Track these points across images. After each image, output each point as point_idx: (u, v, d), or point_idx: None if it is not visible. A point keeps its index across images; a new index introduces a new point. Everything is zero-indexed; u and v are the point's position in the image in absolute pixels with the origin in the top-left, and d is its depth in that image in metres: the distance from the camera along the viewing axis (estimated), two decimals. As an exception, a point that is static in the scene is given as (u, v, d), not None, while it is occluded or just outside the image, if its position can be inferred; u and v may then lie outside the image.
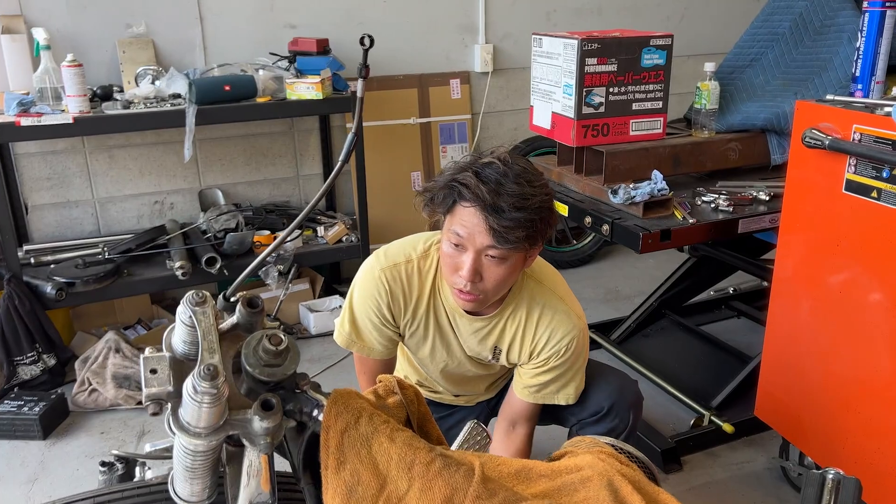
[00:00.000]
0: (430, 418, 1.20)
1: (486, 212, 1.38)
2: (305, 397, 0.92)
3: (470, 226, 1.42)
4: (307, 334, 3.18)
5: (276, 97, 2.98)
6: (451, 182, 1.44)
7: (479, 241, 1.43)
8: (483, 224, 1.40)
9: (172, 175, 3.29)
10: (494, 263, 1.45)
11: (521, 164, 1.45)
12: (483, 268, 1.46)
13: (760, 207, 2.23)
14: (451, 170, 1.47)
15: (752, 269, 2.95)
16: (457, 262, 1.47)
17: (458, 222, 1.44)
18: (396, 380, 1.15)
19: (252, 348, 0.89)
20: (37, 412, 2.47)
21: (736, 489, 2.19)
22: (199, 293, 0.87)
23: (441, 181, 1.47)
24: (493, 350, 1.68)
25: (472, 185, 1.39)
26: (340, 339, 1.71)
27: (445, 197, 1.45)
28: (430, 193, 1.49)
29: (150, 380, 0.87)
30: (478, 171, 1.41)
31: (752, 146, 2.46)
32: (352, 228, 3.29)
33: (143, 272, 2.92)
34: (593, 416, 1.74)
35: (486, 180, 1.40)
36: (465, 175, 1.42)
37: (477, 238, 1.42)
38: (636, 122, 2.34)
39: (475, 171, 1.42)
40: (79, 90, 2.65)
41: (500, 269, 1.46)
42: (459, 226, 1.43)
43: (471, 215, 1.42)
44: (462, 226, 1.43)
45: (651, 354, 2.88)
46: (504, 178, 1.40)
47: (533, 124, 2.53)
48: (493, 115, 3.84)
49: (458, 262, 1.47)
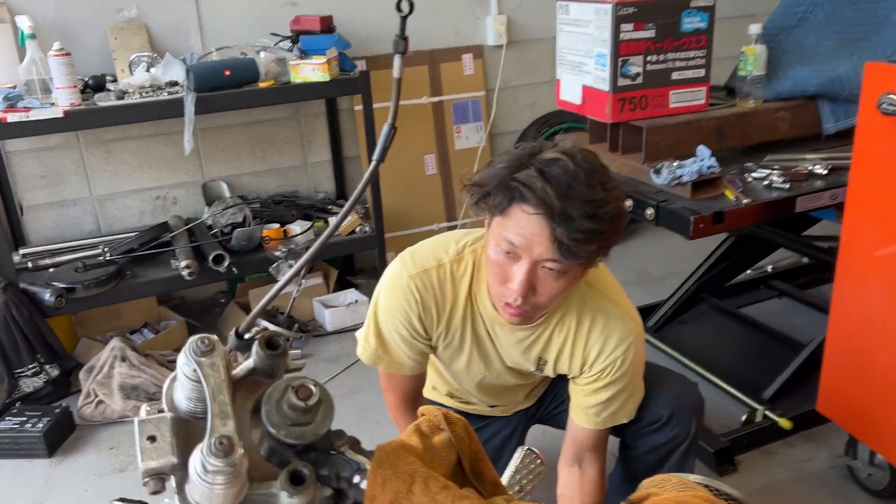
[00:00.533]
0: (484, 456, 1.02)
1: (552, 221, 1.17)
2: (343, 459, 0.74)
3: (528, 234, 1.21)
4: (323, 331, 3.01)
5: (279, 81, 2.78)
6: (510, 181, 1.22)
7: (538, 252, 1.22)
8: (546, 233, 1.19)
9: (174, 168, 3.10)
10: (552, 277, 1.26)
11: (591, 160, 1.23)
12: (537, 281, 1.26)
13: (817, 182, 2.03)
14: (506, 162, 1.25)
15: (796, 247, 2.76)
16: (506, 272, 1.27)
17: (514, 228, 1.23)
18: (443, 413, 0.98)
19: (274, 403, 0.71)
20: (40, 428, 2.31)
21: (798, 491, 2.01)
22: (205, 340, 0.69)
23: (496, 176, 1.24)
24: (537, 361, 1.50)
25: (536, 188, 1.18)
26: (365, 355, 1.53)
27: (501, 197, 1.23)
28: (481, 190, 1.27)
29: (147, 450, 0.69)
30: (542, 168, 1.20)
31: (802, 115, 2.24)
32: (365, 218, 3.10)
33: (146, 273, 2.74)
34: (651, 426, 1.55)
35: (552, 181, 1.18)
36: (527, 174, 1.20)
37: (535, 248, 1.22)
38: (676, 93, 2.13)
39: (539, 168, 1.20)
40: (68, 81, 2.45)
41: (557, 283, 1.26)
42: (515, 233, 1.23)
43: (531, 222, 1.20)
44: (518, 233, 1.22)
45: (691, 343, 2.70)
46: (574, 181, 1.18)
47: (560, 99, 2.32)
48: (508, 90, 3.62)
49: (508, 273, 1.27)
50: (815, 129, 2.27)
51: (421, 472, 0.75)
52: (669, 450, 1.56)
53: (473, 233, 1.50)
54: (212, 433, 0.65)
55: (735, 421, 2.28)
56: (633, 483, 1.63)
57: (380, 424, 2.37)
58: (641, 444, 1.58)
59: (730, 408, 2.35)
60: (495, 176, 1.25)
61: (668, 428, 1.55)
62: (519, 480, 1.20)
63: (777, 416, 2.20)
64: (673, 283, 3.06)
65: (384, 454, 0.74)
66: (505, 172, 1.23)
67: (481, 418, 1.77)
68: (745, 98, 2.22)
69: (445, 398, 1.76)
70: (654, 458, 1.58)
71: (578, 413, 1.53)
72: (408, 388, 1.58)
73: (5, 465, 2.29)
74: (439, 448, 0.93)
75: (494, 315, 1.43)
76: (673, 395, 1.55)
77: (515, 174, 1.21)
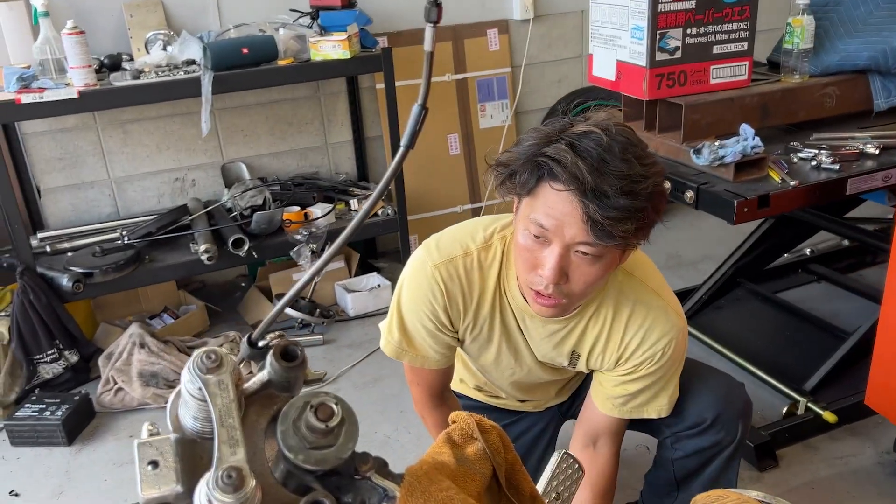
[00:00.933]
0: (520, 467, 0.94)
1: (584, 198, 1.07)
2: (369, 486, 0.66)
3: (559, 214, 1.11)
4: (345, 316, 2.94)
5: (299, 59, 2.68)
6: (537, 156, 1.12)
7: (570, 235, 1.12)
8: (578, 213, 1.09)
9: (192, 150, 3.03)
10: (586, 262, 1.16)
11: (626, 134, 1.12)
12: (570, 266, 1.16)
13: (869, 163, 1.90)
14: (534, 138, 1.15)
15: (840, 230, 2.63)
16: (536, 257, 1.18)
17: (543, 208, 1.13)
18: (476, 420, 0.89)
19: (291, 424, 0.62)
20: (59, 416, 2.27)
21: (844, 489, 1.91)
22: (212, 355, 0.61)
23: (523, 153, 1.15)
24: (569, 356, 1.41)
25: (566, 162, 1.08)
26: (389, 348, 1.44)
27: (529, 174, 1.14)
28: (507, 169, 1.17)
29: (148, 477, 0.61)
30: (573, 142, 1.10)
31: (851, 90, 2.11)
32: (387, 200, 3.01)
33: (165, 257, 2.68)
34: (693, 429, 1.45)
35: (584, 155, 1.08)
36: (557, 147, 1.10)
37: (567, 230, 1.12)
38: (718, 67, 2.01)
39: (570, 142, 1.10)
40: (82, 61, 2.38)
41: (591, 269, 1.16)
42: (544, 213, 1.13)
43: (562, 201, 1.11)
44: (548, 214, 1.13)
45: (727, 329, 2.59)
46: (608, 154, 1.08)
47: (593, 75, 2.20)
48: (535, 66, 3.50)
49: (538, 259, 1.17)
50: (865, 106, 2.14)
51: (457, 500, 0.66)
52: (712, 455, 1.47)
53: (502, 218, 1.41)
54: (219, 464, 0.57)
55: (775, 413, 2.18)
56: (674, 487, 1.55)
57: (404, 414, 2.31)
58: (682, 448, 1.49)
59: (770, 399, 2.25)
60: (522, 153, 1.15)
61: (713, 432, 1.45)
62: (556, 487, 1.11)
63: (820, 409, 2.09)
64: (707, 268, 2.95)
65: (415, 479, 0.66)
66: (533, 149, 1.13)
67: (511, 413, 1.69)
68: (791, 73, 2.09)
69: (473, 391, 1.67)
70: (695, 462, 1.49)
71: (602, 400, 1.44)
72: (434, 383, 1.50)
73: (25, 453, 2.26)
74: (473, 460, 0.85)
75: (525, 306, 1.34)
76: (718, 396, 1.45)
77: (544, 149, 1.12)
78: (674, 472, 1.53)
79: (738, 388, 1.50)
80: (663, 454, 1.54)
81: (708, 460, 1.48)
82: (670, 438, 1.50)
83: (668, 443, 1.51)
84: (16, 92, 2.33)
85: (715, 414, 1.43)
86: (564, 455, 1.17)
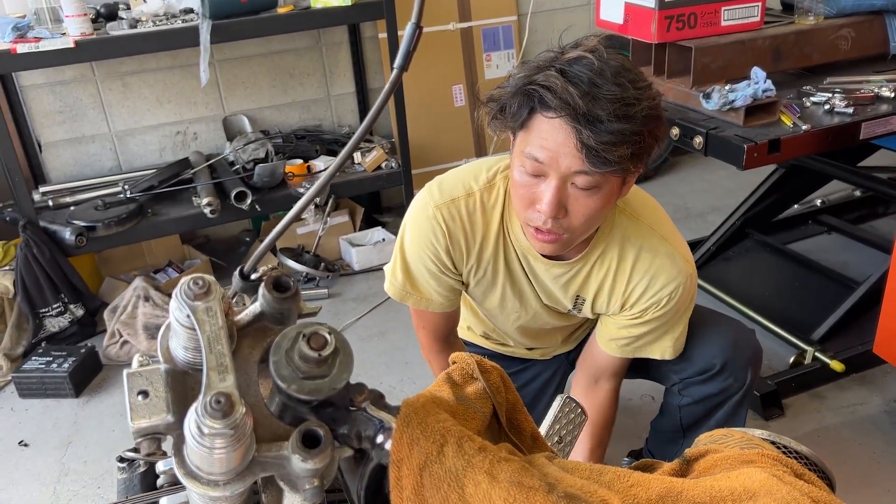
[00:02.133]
0: (521, 407, 0.93)
1: (577, 123, 1.04)
2: (365, 416, 0.64)
3: (553, 144, 1.08)
4: (350, 270, 2.93)
5: (299, 6, 2.63)
6: (527, 86, 1.09)
7: (565, 165, 1.09)
8: (572, 140, 1.06)
9: (193, 102, 2.99)
10: (584, 194, 1.13)
11: (618, 59, 1.09)
12: (568, 200, 1.13)
13: (884, 107, 1.85)
14: (526, 69, 1.11)
15: (852, 179, 2.58)
16: (533, 193, 1.14)
17: (537, 140, 1.10)
18: (476, 360, 0.88)
19: (284, 354, 0.61)
20: (66, 368, 2.29)
21: (850, 437, 1.90)
22: (199, 281, 0.59)
23: (513, 85, 1.12)
24: (574, 299, 1.38)
25: (557, 88, 1.04)
26: (393, 290, 1.42)
27: (519, 106, 1.10)
28: (497, 103, 1.14)
29: (138, 407, 0.60)
30: (563, 69, 1.06)
31: (867, 32, 2.05)
32: (391, 153, 2.97)
33: (168, 211, 2.67)
34: (701, 375, 1.44)
35: (575, 81, 1.04)
36: (547, 75, 1.06)
37: (562, 160, 1.09)
38: (729, 9, 1.95)
39: (559, 69, 1.06)
40: (78, 9, 2.33)
41: (590, 200, 1.13)
42: (537, 145, 1.10)
43: (554, 129, 1.07)
44: (541, 145, 1.09)
45: (736, 281, 2.56)
46: (600, 78, 1.04)
47: (600, 19, 2.14)
48: (542, 14, 3.41)
49: (535, 194, 1.14)
50: (882, 49, 2.08)
51: (454, 432, 0.65)
52: (720, 401, 1.46)
53: (506, 158, 1.37)
54: (207, 390, 0.55)
55: (782, 363, 2.17)
56: (680, 434, 1.55)
57: (409, 365, 2.30)
58: (689, 395, 1.47)
59: (777, 349, 2.23)
60: (513, 86, 1.12)
61: (721, 378, 1.43)
62: (558, 431, 1.10)
63: (828, 358, 2.08)
64: (716, 219, 2.92)
65: (412, 410, 0.64)
66: (523, 80, 1.10)
67: (519, 361, 1.68)
68: (805, 14, 2.03)
69: (481, 339, 1.66)
70: (702, 409, 1.48)
71: (606, 342, 1.43)
72: (440, 326, 1.48)
73: (33, 404, 2.27)
74: (473, 399, 0.84)
75: (528, 246, 1.31)
76: (727, 342, 1.43)
77: (533, 78, 1.08)
78: (680, 419, 1.52)
79: (748, 335, 1.48)
80: (670, 401, 1.53)
81: (715, 407, 1.47)
82: (678, 385, 1.48)
83: (676, 389, 1.49)
84: (11, 42, 2.29)
85: (724, 360, 1.41)
86: (567, 399, 1.15)
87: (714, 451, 0.84)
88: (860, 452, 1.86)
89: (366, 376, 2.29)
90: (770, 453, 0.79)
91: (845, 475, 1.79)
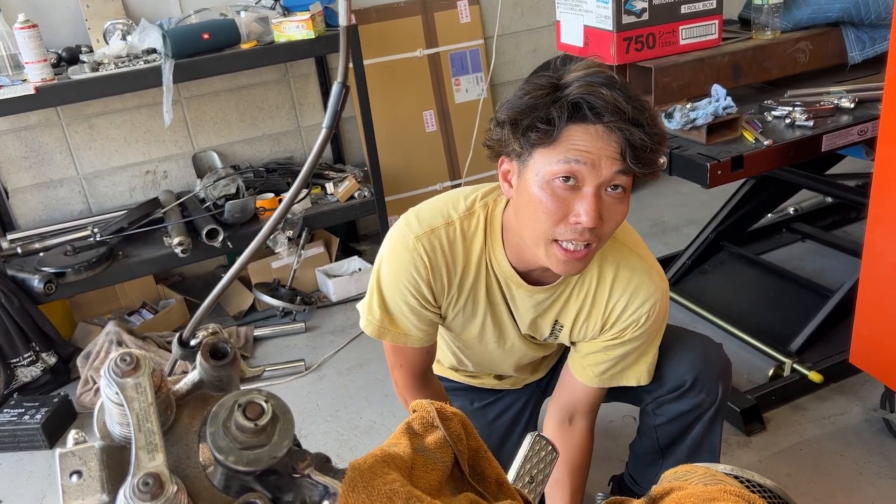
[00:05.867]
0: (485, 453, 0.90)
1: (627, 125, 1.08)
2: (309, 483, 0.63)
3: (594, 149, 1.09)
4: (328, 302, 2.90)
5: (262, 41, 2.62)
6: (564, 97, 1.10)
7: (606, 169, 1.10)
8: (613, 146, 1.09)
9: (162, 141, 2.97)
10: (617, 201, 1.14)
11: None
12: (603, 207, 1.14)
13: (844, 117, 1.87)
14: (536, 89, 1.12)
15: (821, 188, 2.60)
16: (566, 206, 1.13)
17: (573, 151, 1.10)
18: (437, 408, 0.86)
19: (221, 425, 0.59)
20: (39, 420, 2.24)
21: (833, 448, 1.90)
22: (126, 357, 0.57)
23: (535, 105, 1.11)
24: (552, 325, 1.37)
25: (605, 95, 1.08)
26: (370, 328, 1.38)
27: (558, 117, 1.10)
28: (524, 122, 1.12)
29: (71, 489, 0.58)
30: (590, 80, 1.10)
31: (824, 44, 2.07)
32: (363, 182, 2.96)
33: (139, 252, 2.64)
34: (674, 392, 1.43)
35: (613, 89, 1.09)
36: (579, 86, 1.09)
37: (604, 165, 1.10)
38: (687, 28, 1.97)
39: (587, 82, 1.10)
40: (37, 55, 2.32)
41: (622, 205, 1.16)
42: (575, 154, 1.10)
43: (593, 136, 1.09)
44: (582, 152, 1.09)
45: (713, 294, 2.57)
46: (623, 89, 1.10)
47: (561, 42, 2.16)
48: (508, 37, 3.43)
49: (568, 206, 1.13)
50: (839, 60, 2.10)
51: (402, 493, 0.63)
52: (694, 418, 1.45)
53: (483, 186, 1.36)
54: (136, 471, 0.53)
55: (762, 376, 2.16)
56: (659, 455, 1.53)
57: (389, 398, 2.28)
58: (663, 413, 1.47)
59: (756, 362, 2.23)
60: (536, 103, 1.12)
61: (692, 394, 1.43)
62: (529, 471, 1.08)
63: (806, 369, 2.08)
64: (690, 232, 2.93)
65: (357, 473, 0.63)
66: (548, 97, 1.11)
67: (491, 392, 1.66)
68: (762, 29, 2.05)
69: (450, 371, 1.64)
70: (678, 427, 1.47)
71: (581, 370, 1.42)
72: (417, 363, 1.45)
73: (5, 458, 2.23)
74: (433, 449, 0.82)
75: (512, 274, 1.30)
76: (696, 357, 1.42)
77: (563, 92, 1.11)
78: (657, 439, 1.51)
79: (715, 349, 1.48)
80: (646, 421, 1.52)
81: (690, 424, 1.46)
82: (651, 405, 1.48)
83: (650, 409, 1.48)
84: (-29, 91, 2.27)
85: (695, 376, 1.41)
86: (537, 437, 1.14)
87: (678, 488, 0.83)
88: (843, 464, 1.85)
89: (345, 411, 2.26)
90: (732, 489, 0.78)
91: (828, 488, 1.79)
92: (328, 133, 0.62)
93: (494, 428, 1.63)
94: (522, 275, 1.30)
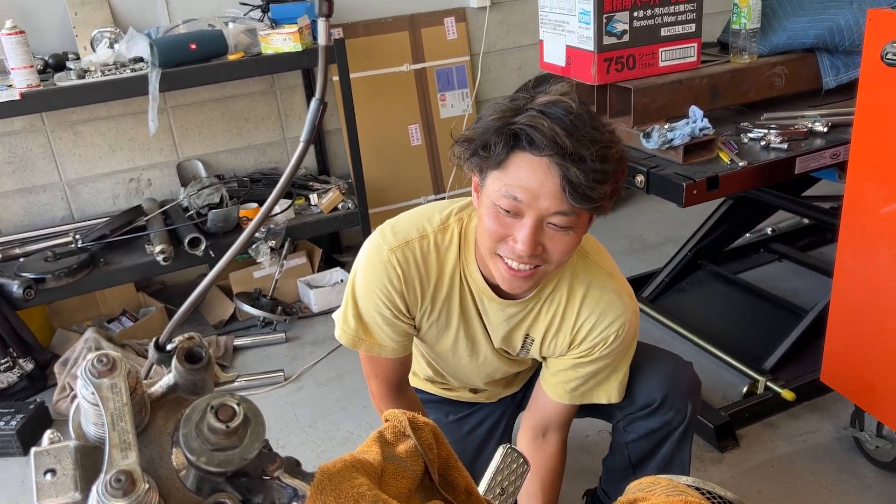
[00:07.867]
0: (455, 462, 0.92)
1: (563, 160, 1.07)
2: (278, 485, 0.64)
3: (534, 184, 1.10)
4: (309, 313, 2.91)
5: (250, 52, 2.64)
6: (510, 125, 1.11)
7: (545, 204, 1.11)
8: (554, 180, 1.09)
9: (146, 149, 2.97)
10: (560, 233, 1.15)
11: (587, 105, 1.15)
12: (544, 237, 1.15)
13: (818, 141, 1.91)
14: (499, 112, 1.14)
15: (797, 209, 2.65)
16: (505, 228, 1.16)
17: (516, 179, 1.11)
18: (409, 418, 0.88)
19: (194, 426, 0.60)
20: (14, 426, 2.22)
21: (804, 465, 1.93)
22: (103, 358, 0.58)
23: (491, 127, 1.13)
24: (524, 339, 1.39)
25: (543, 128, 1.07)
26: (345, 337, 1.40)
27: (503, 145, 1.12)
28: (475, 142, 1.15)
29: (45, 486, 0.59)
30: (544, 111, 1.10)
31: (800, 69, 2.12)
32: (348, 194, 2.98)
33: (121, 260, 2.63)
34: (643, 410, 1.45)
35: (559, 122, 1.08)
36: (530, 115, 1.10)
37: (543, 199, 1.11)
38: (666, 50, 2.01)
39: (541, 111, 1.10)
40: (24, 61, 2.32)
41: (566, 238, 1.16)
42: (516, 185, 1.11)
43: (534, 169, 1.10)
44: (520, 185, 1.11)
45: (689, 312, 2.60)
46: (579, 121, 1.09)
47: (544, 62, 2.19)
48: (494, 54, 3.48)
49: (508, 229, 1.16)
50: (814, 84, 2.15)
51: (368, 497, 0.64)
52: (664, 435, 1.47)
53: (459, 201, 1.39)
54: (109, 468, 0.55)
55: (736, 393, 2.20)
56: (630, 471, 1.55)
57: (368, 409, 2.29)
58: (634, 430, 1.49)
59: (730, 379, 2.26)
60: (490, 126, 1.14)
61: (662, 412, 1.45)
62: (500, 482, 1.10)
63: (779, 387, 2.11)
64: (670, 250, 2.96)
65: (326, 477, 0.64)
66: (502, 121, 1.12)
67: (466, 405, 1.67)
68: (739, 53, 2.10)
69: (426, 383, 1.66)
70: (648, 444, 1.49)
71: (552, 386, 1.43)
72: (392, 373, 1.47)
73: (-21, 465, 2.21)
74: (404, 457, 0.84)
75: (485, 287, 1.32)
76: (665, 376, 1.45)
77: (514, 119, 1.11)
78: (628, 456, 1.53)
79: (685, 368, 1.50)
80: (617, 438, 1.54)
81: (660, 442, 1.48)
82: (623, 422, 1.50)
83: (621, 426, 1.51)
84: (-44, 95, 2.27)
85: (664, 394, 1.43)
86: (509, 450, 1.15)
87: (641, 499, 0.85)
88: (813, 481, 1.88)
89: (323, 422, 2.26)
90: (694, 501, 0.80)
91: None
92: (305, 146, 0.64)
93: (469, 441, 1.64)
94: (495, 288, 1.32)
